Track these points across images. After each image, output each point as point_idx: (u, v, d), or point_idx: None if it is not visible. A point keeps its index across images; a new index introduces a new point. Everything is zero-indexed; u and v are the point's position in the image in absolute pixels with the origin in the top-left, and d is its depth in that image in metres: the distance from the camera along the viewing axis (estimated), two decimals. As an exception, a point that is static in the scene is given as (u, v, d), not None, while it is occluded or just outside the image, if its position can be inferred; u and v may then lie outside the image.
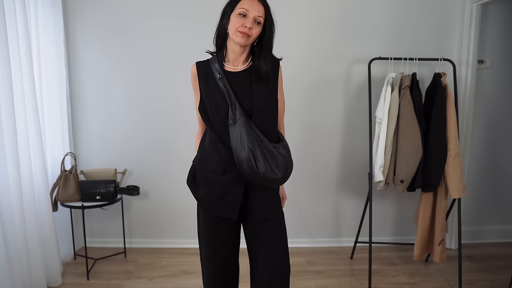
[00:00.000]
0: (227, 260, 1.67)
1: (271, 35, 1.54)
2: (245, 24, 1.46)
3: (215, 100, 1.52)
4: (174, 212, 3.11)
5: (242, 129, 1.45)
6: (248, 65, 1.57)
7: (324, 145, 3.08)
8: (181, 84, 2.94)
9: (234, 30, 1.48)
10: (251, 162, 1.44)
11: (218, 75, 1.52)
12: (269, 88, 1.55)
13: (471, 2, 2.85)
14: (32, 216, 2.33)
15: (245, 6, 1.47)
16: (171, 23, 2.90)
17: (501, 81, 3.08)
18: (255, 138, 1.47)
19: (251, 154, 1.44)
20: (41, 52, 2.62)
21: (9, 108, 2.10)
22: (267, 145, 1.49)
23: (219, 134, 1.54)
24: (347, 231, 3.18)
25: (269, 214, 1.59)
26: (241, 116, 1.47)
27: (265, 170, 1.46)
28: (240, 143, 1.45)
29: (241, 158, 1.45)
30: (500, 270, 2.74)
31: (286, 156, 1.54)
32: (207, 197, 1.59)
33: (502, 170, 3.20)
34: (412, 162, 2.50)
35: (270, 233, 1.59)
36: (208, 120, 1.57)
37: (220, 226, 1.61)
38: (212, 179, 1.58)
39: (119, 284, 2.56)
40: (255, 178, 1.47)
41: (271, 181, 1.50)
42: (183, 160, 3.03)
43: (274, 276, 1.56)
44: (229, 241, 1.65)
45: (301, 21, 2.93)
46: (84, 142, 3.03)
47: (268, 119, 1.54)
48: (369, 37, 2.95)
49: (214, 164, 1.57)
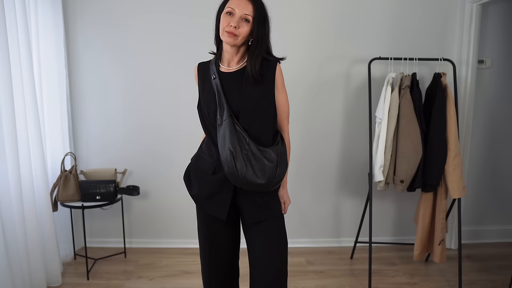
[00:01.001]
0: (223, 260, 1.66)
1: (262, 33, 1.49)
2: (231, 23, 1.44)
3: (208, 100, 1.53)
4: (174, 212, 3.11)
5: (227, 130, 1.45)
6: (242, 65, 1.54)
7: (324, 145, 3.08)
8: (181, 85, 2.94)
9: (222, 30, 1.47)
10: (231, 164, 1.43)
11: (213, 76, 1.53)
12: (263, 89, 1.50)
13: (471, 2, 2.85)
14: (32, 216, 2.33)
15: (231, 5, 1.46)
16: (171, 23, 2.90)
17: (501, 81, 3.08)
18: (239, 140, 1.45)
19: (231, 155, 1.43)
20: (41, 52, 2.62)
21: (9, 108, 2.10)
22: (253, 148, 1.45)
23: (211, 134, 1.56)
24: (347, 231, 3.18)
25: (261, 217, 1.55)
26: (227, 117, 1.45)
27: (245, 173, 1.43)
28: (223, 144, 1.45)
29: (222, 159, 1.46)
30: (500, 270, 2.74)
31: (275, 161, 1.48)
32: (199, 195, 1.60)
33: (502, 170, 3.20)
34: (412, 162, 2.50)
35: (264, 236, 1.55)
36: (202, 119, 1.59)
37: (214, 225, 1.62)
38: (203, 178, 1.58)
39: (119, 284, 2.56)
40: (234, 179, 1.46)
41: (252, 185, 1.46)
42: (183, 160, 3.03)
43: (268, 280, 1.53)
44: (224, 241, 1.64)
45: (302, 21, 2.93)
46: (84, 142, 3.03)
47: (257, 121, 1.49)
48: (369, 37, 2.95)
49: (206, 163, 1.58)
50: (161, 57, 2.94)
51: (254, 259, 1.58)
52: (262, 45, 1.50)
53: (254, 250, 1.58)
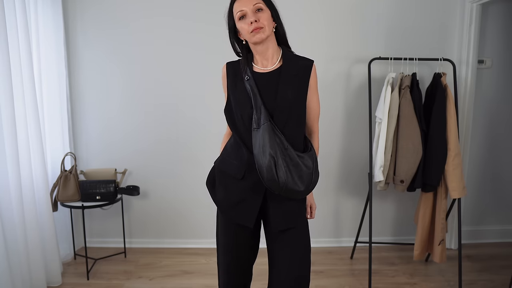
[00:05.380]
0: (244, 267, 1.61)
1: (276, 14, 1.50)
2: (250, 21, 1.41)
3: (241, 102, 1.45)
4: (174, 212, 3.11)
5: (266, 134, 1.37)
6: (278, 65, 1.49)
7: (324, 145, 3.05)
8: (182, 85, 2.94)
9: (248, 36, 1.44)
10: (271, 170, 1.36)
11: (246, 77, 1.46)
12: (298, 89, 1.46)
13: (471, 2, 2.85)
14: (32, 216, 2.33)
15: (238, 8, 1.44)
16: (172, 23, 2.90)
17: (501, 81, 3.08)
18: (278, 145, 1.38)
19: (273, 161, 1.36)
20: (41, 52, 2.62)
21: (9, 108, 2.10)
22: (291, 154, 1.39)
23: (243, 138, 1.48)
24: (347, 231, 3.18)
25: (287, 225, 1.50)
26: (266, 121, 1.38)
27: (286, 179, 1.37)
28: (262, 150, 1.37)
29: (261, 164, 1.37)
30: (500, 270, 2.74)
31: (312, 167, 1.44)
32: (224, 201, 1.53)
33: (502, 170, 3.20)
34: (412, 162, 2.50)
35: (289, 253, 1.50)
36: (232, 122, 1.51)
37: (237, 230, 1.55)
38: (231, 184, 1.52)
39: (119, 284, 2.56)
40: (274, 187, 1.39)
41: (291, 192, 1.40)
42: (183, 160, 3.05)
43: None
44: (246, 248, 1.59)
45: (301, 21, 2.93)
46: (84, 142, 3.03)
47: (292, 123, 1.44)
48: (369, 37, 2.95)
49: (235, 168, 1.50)
50: (161, 57, 2.94)
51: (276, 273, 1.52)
52: (283, 28, 1.51)
53: (277, 264, 1.52)
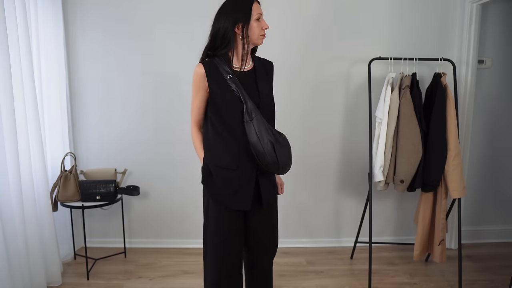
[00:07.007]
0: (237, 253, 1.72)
1: None
2: (263, 27, 1.61)
3: (230, 99, 1.60)
4: (174, 212, 3.11)
5: (261, 124, 1.58)
6: (252, 65, 1.69)
7: (324, 145, 3.08)
8: (181, 84, 2.94)
9: (257, 35, 1.61)
10: (273, 154, 1.56)
11: (228, 76, 1.60)
12: (269, 84, 1.73)
13: (471, 2, 2.85)
14: (32, 216, 2.33)
15: (258, 11, 1.60)
16: (172, 22, 2.90)
17: (501, 81, 3.08)
18: (271, 131, 1.60)
19: (272, 146, 1.57)
20: (41, 52, 2.62)
21: (9, 108, 2.10)
22: (278, 137, 1.61)
23: (232, 131, 1.62)
24: (347, 231, 3.18)
25: (272, 200, 1.76)
26: (257, 113, 1.58)
27: (284, 159, 1.60)
28: (260, 138, 1.56)
29: (262, 151, 1.56)
30: (500, 270, 2.74)
31: (289, 145, 1.67)
32: (223, 192, 1.66)
33: (502, 170, 3.20)
34: (412, 162, 2.50)
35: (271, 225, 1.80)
36: (220, 118, 1.64)
37: (231, 218, 1.69)
38: (227, 175, 1.65)
39: (119, 284, 2.56)
40: (274, 168, 1.60)
41: (285, 170, 1.65)
42: (183, 160, 3.05)
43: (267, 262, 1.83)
44: (237, 230, 1.72)
45: (301, 21, 2.93)
46: (84, 142, 3.03)
47: (270, 114, 1.70)
48: (369, 37, 2.95)
49: (228, 160, 1.64)
50: (161, 56, 2.94)
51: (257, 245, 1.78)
52: None
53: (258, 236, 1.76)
